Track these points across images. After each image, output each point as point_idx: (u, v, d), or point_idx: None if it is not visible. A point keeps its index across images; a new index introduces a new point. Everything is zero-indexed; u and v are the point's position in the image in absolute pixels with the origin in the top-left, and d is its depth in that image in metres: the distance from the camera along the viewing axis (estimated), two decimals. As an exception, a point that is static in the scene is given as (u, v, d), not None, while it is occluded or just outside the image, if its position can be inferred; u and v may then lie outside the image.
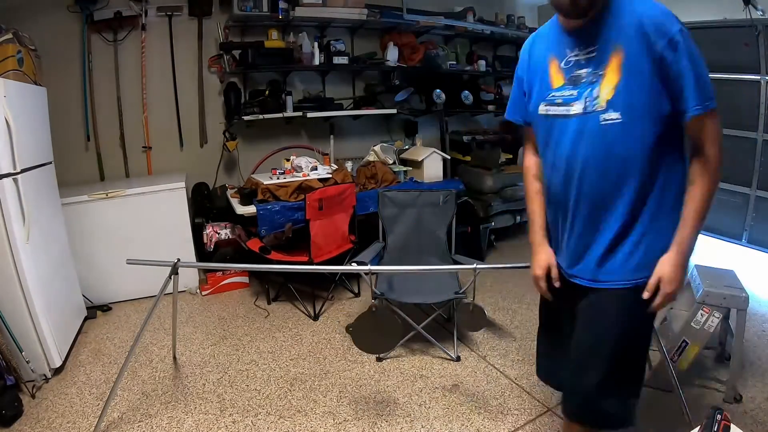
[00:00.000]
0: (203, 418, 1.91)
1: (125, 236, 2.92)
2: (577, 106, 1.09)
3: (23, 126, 2.07)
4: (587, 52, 1.08)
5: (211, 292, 3.16)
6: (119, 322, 2.78)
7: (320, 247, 2.80)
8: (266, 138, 3.74)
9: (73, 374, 2.24)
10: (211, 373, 2.24)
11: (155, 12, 3.29)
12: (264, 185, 2.99)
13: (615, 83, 1.03)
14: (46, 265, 2.24)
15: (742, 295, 1.84)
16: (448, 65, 4.16)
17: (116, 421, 1.89)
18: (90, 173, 3.29)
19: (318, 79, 3.85)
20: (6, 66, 2.27)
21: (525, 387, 2.11)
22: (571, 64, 1.11)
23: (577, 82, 1.10)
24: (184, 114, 3.51)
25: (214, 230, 3.15)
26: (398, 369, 2.26)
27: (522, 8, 4.74)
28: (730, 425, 0.93)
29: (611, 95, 1.03)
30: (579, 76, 1.09)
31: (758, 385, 2.04)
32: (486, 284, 3.22)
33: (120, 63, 3.25)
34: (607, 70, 1.04)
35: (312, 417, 1.92)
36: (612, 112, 1.04)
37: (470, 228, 3.56)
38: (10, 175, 1.98)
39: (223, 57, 3.41)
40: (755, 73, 3.24)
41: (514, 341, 2.52)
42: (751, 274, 3.16)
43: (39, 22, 2.94)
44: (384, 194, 2.78)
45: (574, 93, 1.10)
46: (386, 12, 3.76)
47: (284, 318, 2.82)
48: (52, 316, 2.20)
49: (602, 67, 1.05)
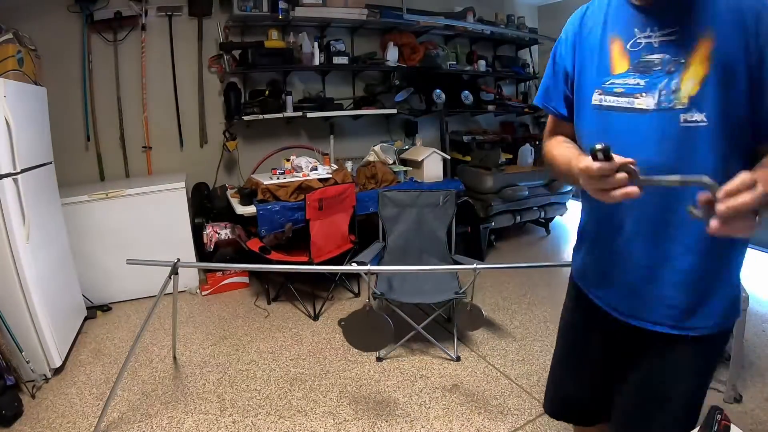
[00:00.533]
0: (203, 418, 1.91)
1: (125, 236, 2.92)
2: (645, 99, 0.87)
3: (23, 126, 2.07)
4: (664, 34, 0.86)
5: (211, 292, 3.16)
6: (119, 322, 2.78)
7: (320, 247, 2.81)
8: (266, 138, 3.74)
9: (73, 374, 2.24)
10: (211, 373, 2.24)
11: (155, 12, 3.29)
12: (264, 185, 2.99)
13: (702, 76, 0.81)
14: (46, 265, 2.24)
15: (742, 295, 1.84)
16: (448, 65, 4.16)
17: (116, 421, 1.89)
18: (90, 173, 3.29)
19: (318, 79, 3.85)
20: (6, 66, 2.28)
21: (525, 387, 2.11)
22: (640, 46, 0.89)
23: (647, 69, 0.87)
24: (184, 114, 3.51)
25: (214, 230, 3.15)
26: (398, 369, 2.26)
27: (522, 8, 4.74)
28: (730, 425, 0.92)
29: (695, 91, 0.82)
30: (650, 63, 0.87)
31: (758, 385, 2.04)
32: (486, 284, 3.22)
33: (120, 63, 3.25)
34: (692, 59, 0.82)
35: (312, 417, 1.92)
36: (696, 113, 0.82)
37: (470, 228, 3.56)
38: (10, 175, 1.98)
39: (223, 57, 3.41)
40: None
41: (514, 341, 2.52)
42: (751, 274, 3.16)
43: (39, 22, 2.94)
44: (384, 194, 2.79)
45: (641, 83, 0.88)
46: (386, 12, 3.77)
47: (284, 318, 2.82)
48: (52, 316, 2.20)
49: (685, 55, 0.83)
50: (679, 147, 0.84)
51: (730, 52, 0.79)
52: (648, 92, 0.87)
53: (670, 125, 0.85)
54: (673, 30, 0.85)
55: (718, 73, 0.80)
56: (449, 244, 2.76)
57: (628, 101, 0.89)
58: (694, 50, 0.82)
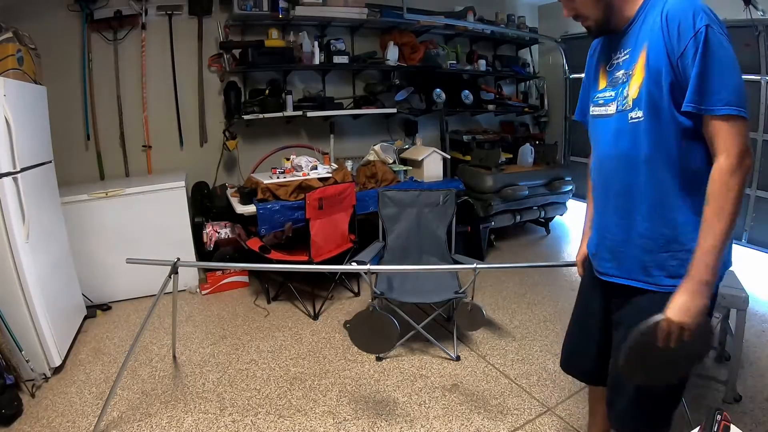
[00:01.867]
0: (203, 418, 1.91)
1: (125, 235, 2.92)
2: (612, 106, 1.13)
3: (23, 125, 2.07)
4: (623, 54, 1.11)
5: (210, 292, 3.16)
6: (119, 321, 2.78)
7: (320, 247, 2.80)
8: (266, 137, 3.73)
9: (73, 373, 2.24)
10: (211, 373, 2.24)
11: (155, 11, 3.29)
12: (264, 184, 2.99)
13: (640, 82, 1.04)
14: (45, 264, 2.24)
15: (742, 295, 1.84)
16: (448, 65, 4.16)
17: (116, 420, 1.89)
18: (90, 172, 3.29)
19: (318, 78, 3.84)
20: (6, 65, 2.27)
21: (525, 387, 2.11)
22: (613, 66, 1.15)
23: (615, 83, 1.13)
24: (184, 113, 3.50)
25: (213, 229, 3.15)
26: (398, 368, 2.26)
27: (522, 8, 4.74)
28: (730, 425, 0.92)
29: (636, 94, 1.05)
30: (617, 78, 1.12)
31: (758, 386, 2.04)
32: (486, 284, 3.22)
33: (120, 62, 3.25)
34: (635, 70, 1.05)
35: (312, 416, 1.92)
36: (637, 111, 1.05)
37: (470, 228, 3.56)
38: (10, 174, 1.98)
39: (224, 56, 3.41)
40: (755, 73, 3.24)
41: (514, 341, 2.52)
42: (751, 274, 3.16)
43: (39, 20, 2.93)
44: (384, 194, 2.78)
45: (612, 94, 1.13)
46: (386, 11, 3.76)
47: (284, 317, 2.82)
48: (52, 315, 2.20)
49: (632, 67, 1.07)
50: (629, 138, 1.08)
51: (657, 56, 1.00)
52: (613, 101, 1.13)
53: (623, 123, 1.09)
54: (628, 50, 1.09)
55: (649, 77, 1.02)
56: (449, 244, 2.76)
57: (604, 109, 1.16)
58: (637, 62, 1.05)
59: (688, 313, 0.97)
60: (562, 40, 4.56)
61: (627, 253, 1.15)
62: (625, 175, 1.11)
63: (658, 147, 1.04)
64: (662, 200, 1.07)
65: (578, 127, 4.67)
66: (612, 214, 1.17)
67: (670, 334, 0.99)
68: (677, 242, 1.07)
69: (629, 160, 1.09)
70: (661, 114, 1.02)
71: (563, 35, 4.55)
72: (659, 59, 1.00)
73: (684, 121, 1.01)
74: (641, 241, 1.11)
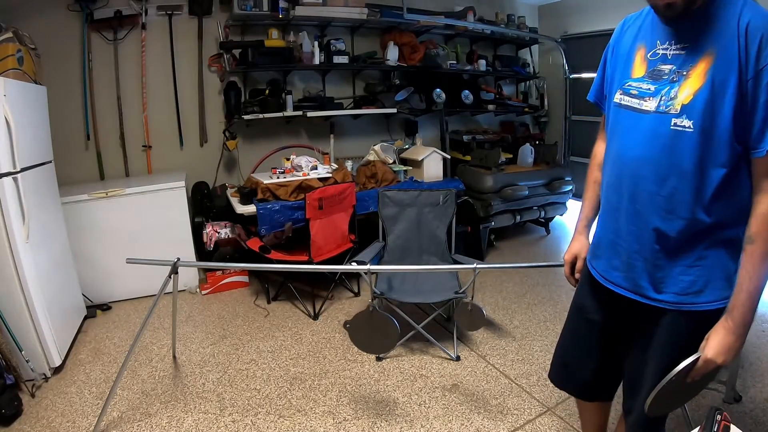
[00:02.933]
0: (203, 418, 1.91)
1: (125, 235, 2.92)
2: (651, 102, 0.99)
3: (23, 125, 2.07)
4: (677, 48, 0.97)
5: (210, 292, 3.16)
6: (119, 321, 2.78)
7: (320, 247, 2.80)
8: (266, 137, 3.73)
9: (73, 373, 2.24)
10: (211, 373, 2.24)
11: (155, 11, 3.28)
12: (264, 184, 2.99)
13: (696, 88, 0.92)
14: (45, 263, 2.24)
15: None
16: (448, 65, 4.16)
17: (116, 420, 1.89)
18: (90, 172, 3.29)
19: (318, 78, 3.84)
20: (6, 65, 2.27)
21: (525, 387, 2.11)
22: (657, 56, 1.01)
23: (658, 77, 1.00)
24: (184, 113, 3.50)
25: (213, 229, 3.15)
26: (398, 368, 2.26)
27: (522, 8, 4.73)
28: (730, 425, 0.92)
29: (688, 100, 0.93)
30: (661, 71, 0.99)
31: (758, 385, 2.04)
32: (486, 284, 3.22)
33: (120, 62, 3.25)
34: (692, 72, 0.94)
35: (312, 416, 1.92)
36: (685, 119, 0.93)
37: (470, 228, 3.56)
38: (10, 174, 1.98)
39: (224, 56, 3.41)
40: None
41: (514, 341, 2.52)
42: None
43: (39, 20, 2.93)
44: (384, 194, 2.78)
45: (651, 88, 1.00)
46: (386, 11, 3.76)
47: (284, 317, 2.82)
48: (52, 315, 2.20)
49: (688, 68, 0.94)
50: (668, 146, 0.96)
51: (725, 71, 0.89)
52: (654, 96, 0.99)
53: (663, 126, 0.97)
54: (685, 46, 0.96)
55: (709, 88, 0.90)
56: (449, 244, 2.76)
57: (639, 102, 1.02)
58: (696, 65, 0.93)
59: (729, 353, 0.95)
60: (562, 40, 4.55)
61: (637, 266, 1.07)
62: (651, 184, 1.00)
63: (701, 164, 0.93)
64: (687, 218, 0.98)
65: (578, 127, 4.70)
66: (625, 221, 1.08)
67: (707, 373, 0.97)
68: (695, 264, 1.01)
69: (662, 168, 0.98)
70: (715, 132, 0.91)
71: (563, 35, 4.54)
72: (728, 73, 0.88)
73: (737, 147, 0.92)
74: (653, 255, 1.04)
